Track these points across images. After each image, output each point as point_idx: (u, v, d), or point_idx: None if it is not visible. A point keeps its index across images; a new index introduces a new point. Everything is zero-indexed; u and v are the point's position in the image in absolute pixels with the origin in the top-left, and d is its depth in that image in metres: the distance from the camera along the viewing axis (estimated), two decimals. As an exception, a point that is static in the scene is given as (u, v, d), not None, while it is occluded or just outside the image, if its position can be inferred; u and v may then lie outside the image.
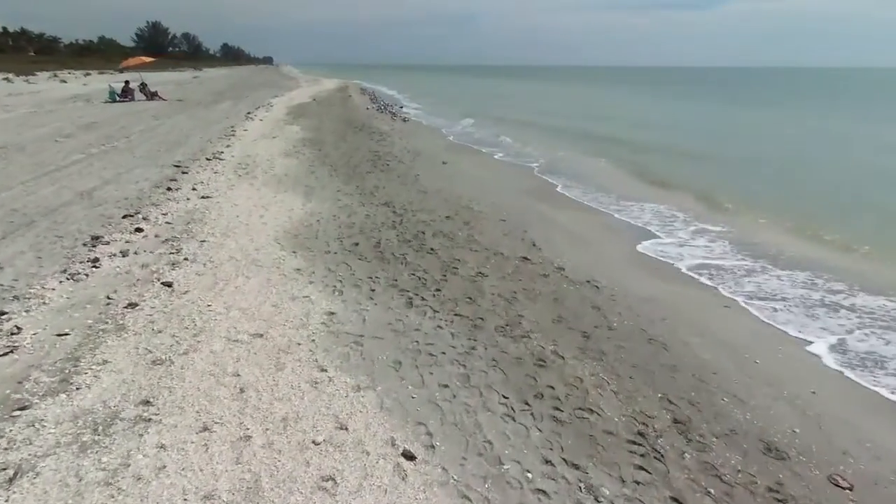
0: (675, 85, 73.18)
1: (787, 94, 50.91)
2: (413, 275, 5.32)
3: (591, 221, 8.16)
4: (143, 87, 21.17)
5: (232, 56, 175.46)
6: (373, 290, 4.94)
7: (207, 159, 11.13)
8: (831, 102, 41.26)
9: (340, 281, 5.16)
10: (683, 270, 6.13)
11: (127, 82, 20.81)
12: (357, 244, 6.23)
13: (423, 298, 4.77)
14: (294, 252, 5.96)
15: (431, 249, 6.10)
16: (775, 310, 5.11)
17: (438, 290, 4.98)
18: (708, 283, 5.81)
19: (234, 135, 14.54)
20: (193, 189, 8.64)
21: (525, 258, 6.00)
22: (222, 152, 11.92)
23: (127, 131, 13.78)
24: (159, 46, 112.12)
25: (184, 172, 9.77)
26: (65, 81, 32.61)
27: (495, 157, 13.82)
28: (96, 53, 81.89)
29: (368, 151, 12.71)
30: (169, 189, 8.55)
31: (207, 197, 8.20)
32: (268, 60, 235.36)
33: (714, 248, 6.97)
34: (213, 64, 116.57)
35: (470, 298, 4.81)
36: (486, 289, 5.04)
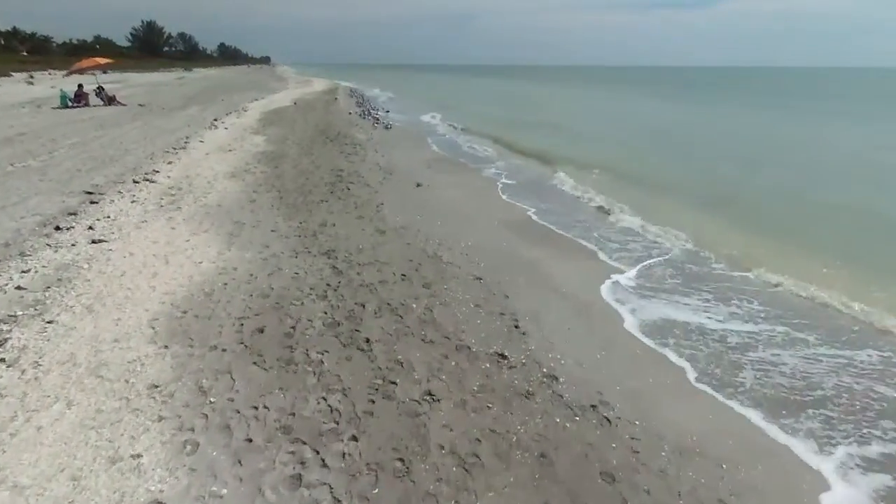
0: (673, 86, 71.53)
1: (771, 94, 50.13)
2: (324, 401, 3.44)
3: (595, 273, 6.27)
4: (99, 91, 19.25)
5: (229, 56, 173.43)
6: (248, 442, 3.06)
7: (135, 181, 9.27)
8: (812, 102, 40.37)
9: (205, 417, 3.29)
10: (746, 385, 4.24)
11: (80, 86, 18.88)
12: (262, 330, 4.35)
13: (323, 463, 2.89)
14: (166, 347, 4.09)
15: (367, 342, 4.21)
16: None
17: (355, 438, 3.10)
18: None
19: (184, 148, 12.67)
20: (90, 228, 6.77)
21: (501, 356, 4.11)
22: (158, 172, 10.05)
23: (54, 145, 11.88)
24: (154, 46, 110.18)
25: (93, 202, 7.89)
26: (31, 83, 30.67)
27: (483, 173, 11.93)
28: (89, 53, 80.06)
29: (331, 170, 10.82)
30: (58, 228, 6.69)
31: (100, 241, 6.32)
32: (265, 60, 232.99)
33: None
34: (208, 64, 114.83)
35: (402, 462, 2.93)
36: (431, 435, 3.16)
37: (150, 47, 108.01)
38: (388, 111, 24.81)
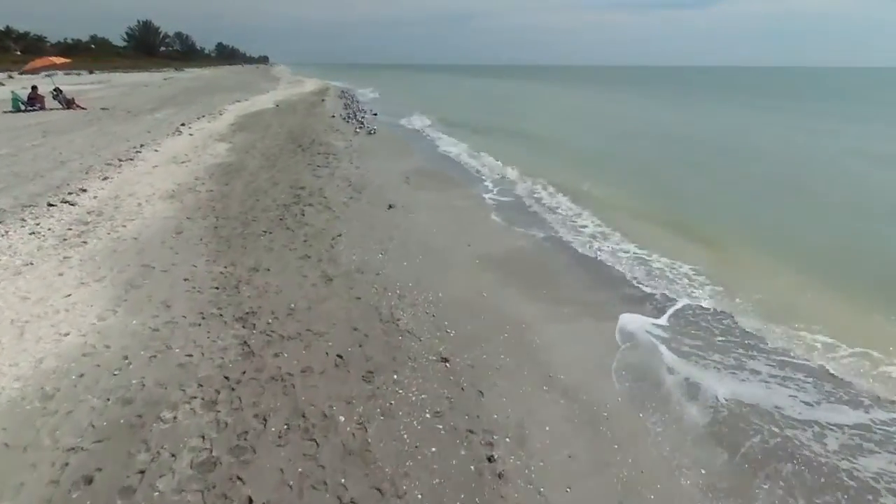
0: (671, 86, 69.94)
1: (766, 96, 48.32)
2: None
3: (606, 340, 4.69)
4: (56, 93, 17.64)
5: (227, 56, 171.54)
6: None
7: (50, 204, 7.72)
8: (799, 102, 39.14)
9: None
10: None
11: (34, 88, 17.28)
12: (90, 481, 2.78)
13: None
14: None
15: (246, 508, 2.65)
16: None
17: None
18: None
19: (131, 159, 11.11)
20: (-50, 276, 5.21)
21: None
22: (85, 191, 8.49)
23: (-25, 158, 10.32)
24: (150, 46, 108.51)
25: (-24, 236, 6.34)
26: (2, 84, 29.04)
27: (470, 189, 10.34)
28: (84, 52, 78.48)
29: (291, 187, 9.24)
30: None
31: (-49, 297, 4.77)
32: (264, 60, 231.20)
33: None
34: (204, 64, 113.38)
35: None
36: None
37: (147, 47, 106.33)
38: (375, 113, 23.21)
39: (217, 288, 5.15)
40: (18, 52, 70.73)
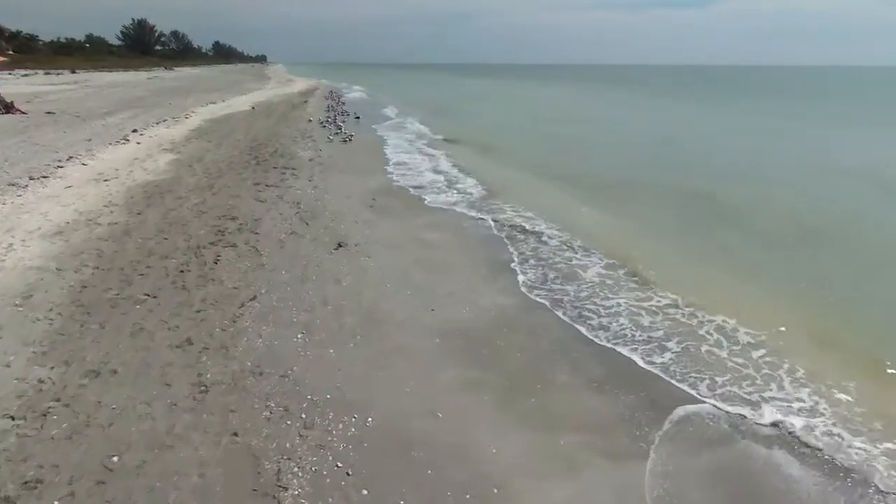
0: (670, 85, 68.38)
1: (742, 93, 48.34)
2: None
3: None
4: (-8, 97, 15.75)
5: (224, 54, 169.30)
6: None
7: None
8: (776, 100, 38.60)
9: None
10: None
11: (-36, 91, 15.42)
12: None
13: None
14: None
15: None
16: None
17: None
18: None
19: (46, 177, 9.25)
20: None
21: None
22: (-51, 225, 6.60)
23: None
24: (146, 45, 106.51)
25: None
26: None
27: (446, 213, 8.40)
28: (78, 52, 76.54)
29: (220, 218, 7.32)
30: None
31: None
32: (261, 59, 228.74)
33: None
34: (199, 63, 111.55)
35: None
36: None
37: (142, 46, 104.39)
38: (358, 117, 21.27)
39: (12, 417, 3.24)
40: (10, 52, 69.13)
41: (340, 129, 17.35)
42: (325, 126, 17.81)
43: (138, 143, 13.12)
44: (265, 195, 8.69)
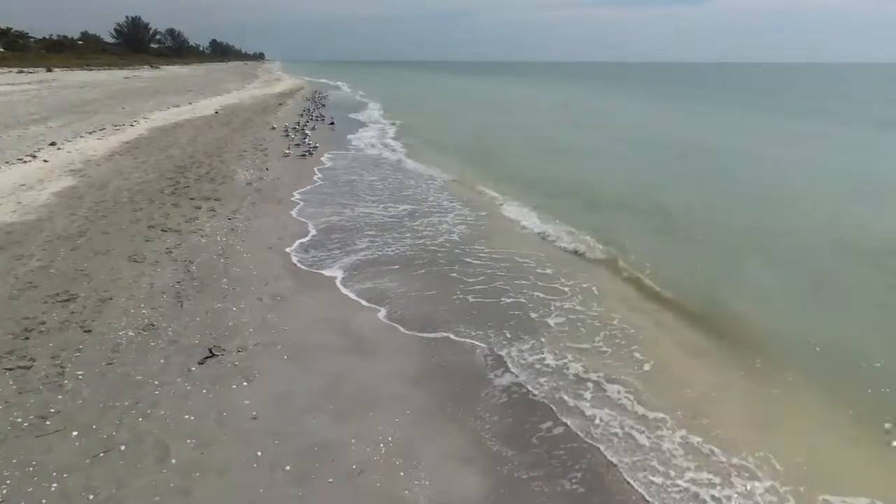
0: (668, 85, 65.97)
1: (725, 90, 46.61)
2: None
3: None
4: None
5: (221, 52, 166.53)
6: None
7: None
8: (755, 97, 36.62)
9: None
10: None
11: None
12: None
13: None
14: None
15: None
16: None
17: None
18: None
19: None
20: None
21: None
22: None
23: None
24: (140, 42, 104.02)
25: None
26: None
27: (378, 315, 5.97)
28: (69, 49, 74.01)
29: (46, 302, 4.88)
30: None
31: None
32: (259, 57, 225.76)
33: None
34: (193, 60, 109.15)
35: None
36: None
37: (136, 43, 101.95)
38: (332, 122, 18.81)
39: None
40: (1, 49, 67.00)
41: (306, 138, 14.91)
42: (288, 135, 15.34)
43: (45, 161, 10.71)
44: (151, 248, 6.25)
